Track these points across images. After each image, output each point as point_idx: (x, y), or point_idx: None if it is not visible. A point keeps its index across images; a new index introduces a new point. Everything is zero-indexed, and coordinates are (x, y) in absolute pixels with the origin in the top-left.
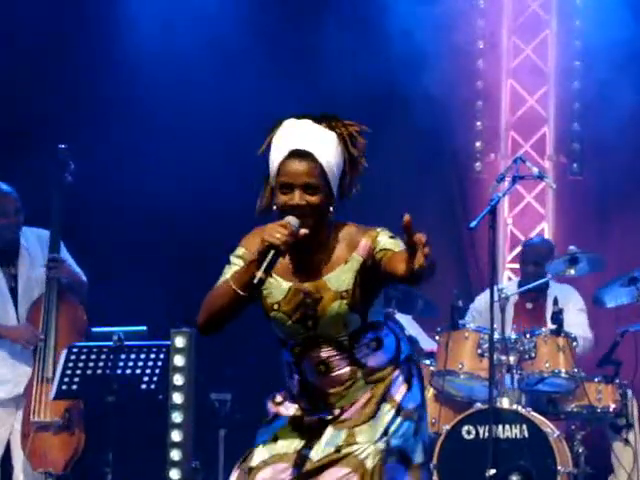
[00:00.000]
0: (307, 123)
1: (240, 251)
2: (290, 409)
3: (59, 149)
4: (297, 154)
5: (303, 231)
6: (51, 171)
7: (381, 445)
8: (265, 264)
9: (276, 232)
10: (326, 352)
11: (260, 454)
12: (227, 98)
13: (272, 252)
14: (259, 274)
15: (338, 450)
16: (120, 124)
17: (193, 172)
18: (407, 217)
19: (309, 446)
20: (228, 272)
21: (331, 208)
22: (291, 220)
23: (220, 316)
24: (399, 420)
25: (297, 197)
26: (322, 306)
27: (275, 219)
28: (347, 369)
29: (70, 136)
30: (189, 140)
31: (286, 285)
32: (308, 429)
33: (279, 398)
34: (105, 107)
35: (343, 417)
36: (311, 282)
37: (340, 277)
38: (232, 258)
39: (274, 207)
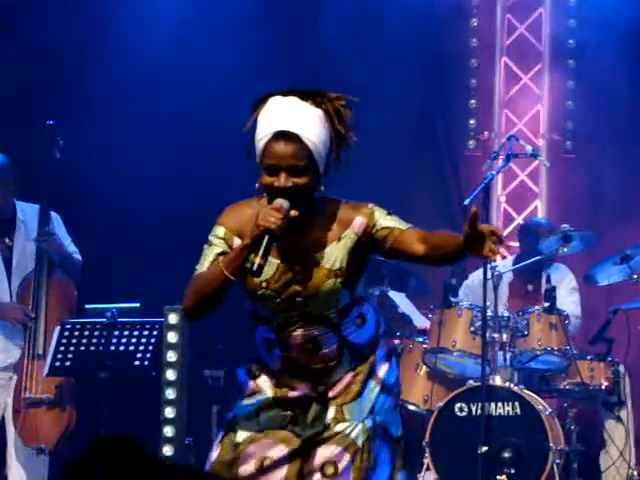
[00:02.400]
0: (293, 101)
1: (220, 231)
2: (267, 384)
3: (47, 125)
4: (283, 135)
5: (293, 212)
6: (40, 148)
7: (369, 423)
8: (262, 250)
9: (270, 216)
10: (314, 329)
11: (245, 429)
12: (214, 78)
13: (267, 237)
14: (258, 260)
15: (327, 427)
16: (113, 99)
17: (187, 152)
18: (475, 210)
19: (295, 422)
20: (210, 254)
21: (320, 186)
22: (282, 202)
23: (210, 300)
24: (383, 396)
25: (283, 179)
26: (314, 284)
27: (254, 195)
28: (334, 346)
29: (61, 112)
30: (181, 118)
31: (275, 262)
32: (291, 404)
33: (256, 371)
34: (95, 82)
35: (329, 395)
36: (301, 259)
37: (333, 254)
38: (212, 239)
39: (257, 185)
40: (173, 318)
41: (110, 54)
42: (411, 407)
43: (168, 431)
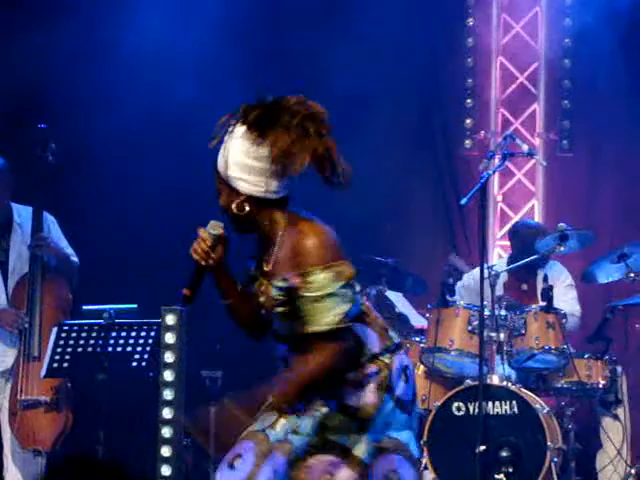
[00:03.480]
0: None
1: None
2: None
3: (39, 129)
4: None
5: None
6: (32, 151)
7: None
8: (190, 279)
9: (196, 246)
10: (283, 350)
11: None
12: (213, 81)
13: (195, 266)
14: (184, 290)
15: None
16: (107, 103)
17: (185, 151)
18: None
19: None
20: None
21: (244, 204)
22: (208, 229)
23: (238, 324)
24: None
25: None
26: (267, 304)
27: None
28: None
29: (54, 113)
30: (179, 116)
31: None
32: None
33: None
34: (88, 82)
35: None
36: (263, 278)
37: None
38: None
39: None
40: (170, 319)
41: (104, 55)
42: None
43: (166, 432)
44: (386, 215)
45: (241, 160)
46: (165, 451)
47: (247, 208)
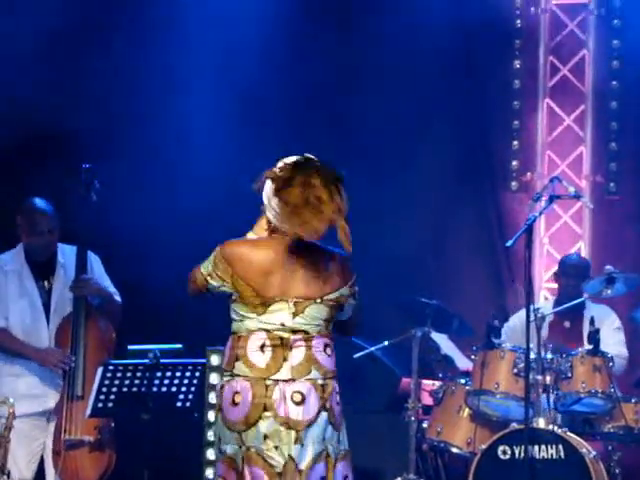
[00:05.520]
0: None
1: None
2: None
3: (83, 168)
4: None
5: None
6: (76, 190)
7: None
8: None
9: None
10: None
11: None
12: (256, 107)
13: None
14: None
15: None
16: (150, 140)
17: (226, 190)
18: None
19: None
20: None
21: None
22: None
23: None
24: None
25: None
26: None
27: None
28: None
29: (98, 154)
30: (222, 152)
31: None
32: None
33: None
34: (134, 123)
35: None
36: None
37: None
38: None
39: None
40: (215, 359)
41: (142, 91)
42: (454, 449)
43: (210, 473)
44: (431, 256)
45: None
46: None
47: None
